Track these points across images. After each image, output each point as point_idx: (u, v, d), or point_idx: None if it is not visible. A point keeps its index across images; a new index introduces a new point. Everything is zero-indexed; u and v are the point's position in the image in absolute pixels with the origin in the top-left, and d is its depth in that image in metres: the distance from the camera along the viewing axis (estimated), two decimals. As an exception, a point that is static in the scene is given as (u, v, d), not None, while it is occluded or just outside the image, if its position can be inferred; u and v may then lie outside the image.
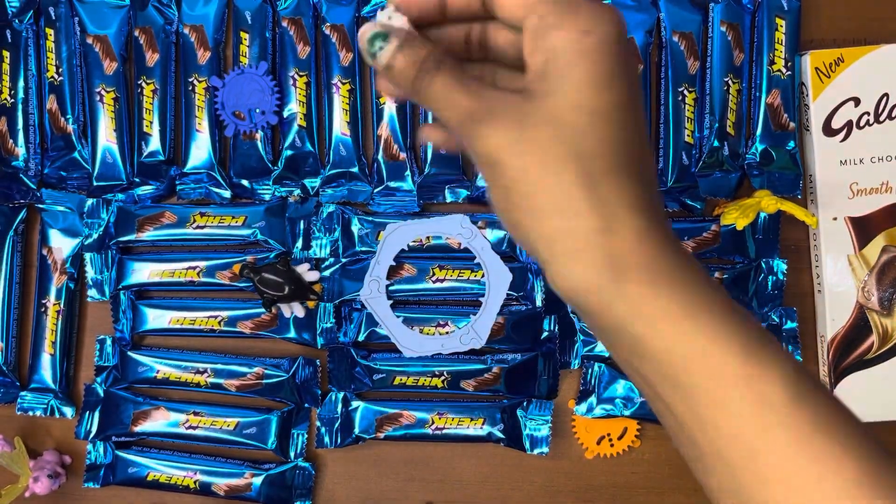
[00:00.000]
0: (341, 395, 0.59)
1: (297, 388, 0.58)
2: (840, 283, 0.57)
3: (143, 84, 0.58)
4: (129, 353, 0.59)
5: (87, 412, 0.59)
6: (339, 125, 0.58)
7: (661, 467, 0.59)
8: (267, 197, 0.59)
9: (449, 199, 0.58)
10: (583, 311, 0.30)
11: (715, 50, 0.57)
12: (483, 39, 0.33)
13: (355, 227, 0.58)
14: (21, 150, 0.59)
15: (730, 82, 0.57)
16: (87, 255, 0.59)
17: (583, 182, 0.28)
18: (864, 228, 0.57)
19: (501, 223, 0.31)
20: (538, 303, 0.58)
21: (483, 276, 0.57)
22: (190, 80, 0.58)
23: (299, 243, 0.58)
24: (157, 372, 0.58)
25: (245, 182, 0.59)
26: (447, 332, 0.57)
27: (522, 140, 0.28)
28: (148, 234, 0.58)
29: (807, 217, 0.55)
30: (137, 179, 0.59)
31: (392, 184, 0.58)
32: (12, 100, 0.58)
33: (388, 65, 0.30)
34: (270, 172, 0.58)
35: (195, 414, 0.58)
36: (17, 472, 0.58)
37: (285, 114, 0.58)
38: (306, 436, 0.59)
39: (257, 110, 0.57)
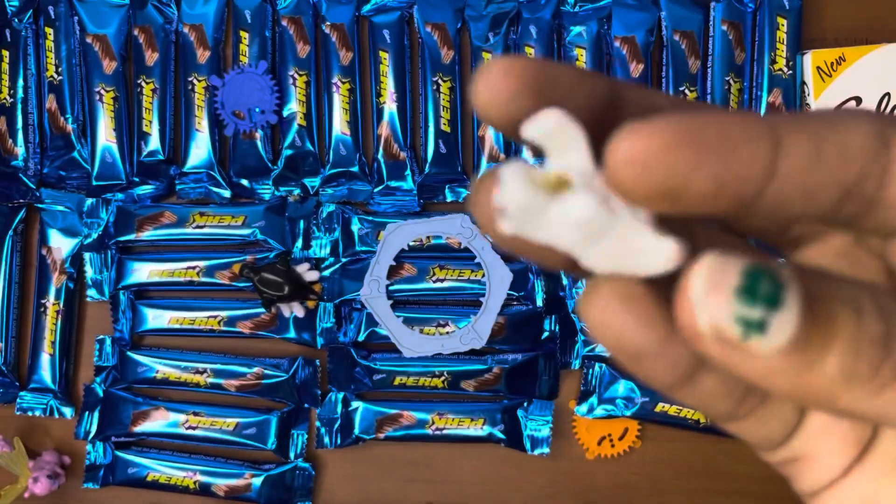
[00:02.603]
0: (341, 395, 0.58)
1: (297, 388, 0.58)
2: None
3: (143, 83, 0.58)
4: (129, 354, 0.58)
5: (87, 412, 0.59)
6: (339, 124, 0.58)
7: (662, 468, 0.59)
8: (267, 196, 0.59)
9: (449, 198, 0.58)
10: None
11: (716, 49, 0.57)
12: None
13: (355, 227, 0.58)
14: (20, 150, 0.58)
15: (731, 81, 0.57)
16: (87, 255, 0.59)
17: None
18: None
19: None
20: (539, 303, 0.58)
21: (483, 275, 0.57)
22: (189, 79, 0.58)
23: (299, 243, 0.58)
24: (157, 372, 0.58)
25: (245, 181, 0.59)
26: (447, 333, 0.57)
27: None
28: (147, 234, 0.58)
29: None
30: (137, 179, 0.59)
31: (392, 183, 0.58)
32: (12, 99, 0.58)
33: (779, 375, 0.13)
34: (270, 172, 0.58)
35: (195, 414, 0.58)
36: (17, 473, 0.58)
37: (285, 113, 0.58)
38: (306, 436, 0.59)
39: (257, 109, 0.57)
